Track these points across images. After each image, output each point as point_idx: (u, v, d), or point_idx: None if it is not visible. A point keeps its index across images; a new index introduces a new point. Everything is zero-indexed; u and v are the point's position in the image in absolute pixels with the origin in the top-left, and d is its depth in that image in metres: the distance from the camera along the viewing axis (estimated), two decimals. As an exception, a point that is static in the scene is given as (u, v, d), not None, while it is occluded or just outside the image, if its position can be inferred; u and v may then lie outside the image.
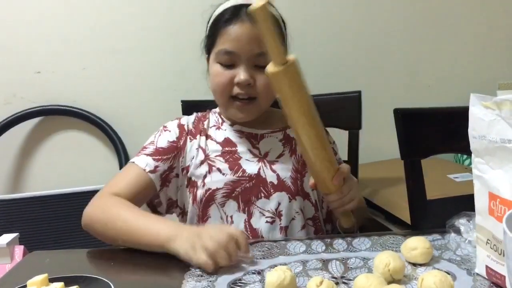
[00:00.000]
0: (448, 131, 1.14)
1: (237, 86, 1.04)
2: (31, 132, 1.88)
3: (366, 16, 1.92)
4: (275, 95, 1.06)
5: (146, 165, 1.06)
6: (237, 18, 1.03)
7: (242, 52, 1.03)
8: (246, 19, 1.02)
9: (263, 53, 0.98)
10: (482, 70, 2.01)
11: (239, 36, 1.02)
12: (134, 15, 1.81)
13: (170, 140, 1.10)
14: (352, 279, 0.77)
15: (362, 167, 1.37)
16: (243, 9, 1.03)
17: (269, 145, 1.12)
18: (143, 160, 1.07)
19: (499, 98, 0.69)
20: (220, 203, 1.07)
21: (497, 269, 0.73)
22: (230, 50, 1.03)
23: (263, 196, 1.07)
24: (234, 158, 1.09)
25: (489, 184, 0.73)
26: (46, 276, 0.76)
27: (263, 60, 0.99)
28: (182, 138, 1.11)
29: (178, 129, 1.12)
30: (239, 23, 1.02)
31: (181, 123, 1.14)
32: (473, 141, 0.75)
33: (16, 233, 1.12)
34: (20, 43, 1.80)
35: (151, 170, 1.06)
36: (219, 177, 1.07)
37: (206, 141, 1.12)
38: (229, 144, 1.11)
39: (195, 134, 1.13)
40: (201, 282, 0.79)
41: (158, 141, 1.10)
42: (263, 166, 1.09)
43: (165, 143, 1.10)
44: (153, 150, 1.08)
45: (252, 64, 1.04)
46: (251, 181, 1.07)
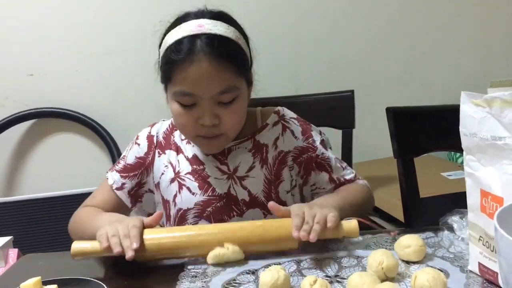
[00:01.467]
0: (440, 129, 1.15)
1: (201, 126, 0.97)
2: (24, 134, 1.87)
3: (358, 16, 1.92)
4: (244, 121, 1.03)
5: (113, 182, 1.07)
6: (193, 57, 0.92)
7: (203, 93, 0.94)
8: (202, 57, 0.92)
9: (226, 89, 0.95)
10: (474, 68, 2.02)
11: (197, 78, 0.93)
12: (127, 17, 1.81)
13: (137, 156, 1.08)
14: (346, 277, 0.77)
15: (355, 166, 1.37)
16: (197, 43, 0.93)
17: (238, 158, 1.06)
18: (112, 176, 1.08)
19: (489, 95, 0.70)
20: (192, 223, 1.05)
21: (489, 266, 0.73)
22: (188, 92, 0.94)
23: (236, 214, 1.04)
24: (202, 177, 1.05)
25: (481, 181, 0.73)
26: (39, 279, 0.76)
27: (226, 97, 0.95)
28: (150, 153, 1.08)
29: (147, 142, 1.09)
30: (196, 63, 0.92)
31: (151, 133, 1.10)
32: (464, 139, 0.75)
33: (10, 236, 1.12)
34: (13, 45, 1.79)
35: (118, 187, 1.06)
36: (189, 197, 1.05)
37: (177, 156, 1.08)
38: (197, 162, 1.06)
39: (165, 147, 1.09)
40: (195, 283, 0.79)
41: (128, 156, 1.09)
42: (232, 183, 1.05)
43: (132, 159, 1.08)
44: (122, 166, 1.08)
45: (215, 102, 0.95)
46: (222, 200, 1.04)
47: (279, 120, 1.09)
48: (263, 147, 1.07)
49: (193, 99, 0.95)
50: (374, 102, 1.67)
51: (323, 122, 1.31)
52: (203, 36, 0.94)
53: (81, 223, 1.01)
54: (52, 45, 1.80)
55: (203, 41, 0.93)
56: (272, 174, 1.06)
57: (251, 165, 1.06)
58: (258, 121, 1.10)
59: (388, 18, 1.95)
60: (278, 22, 1.84)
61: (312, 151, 1.08)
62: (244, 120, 1.04)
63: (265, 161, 1.06)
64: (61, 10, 1.79)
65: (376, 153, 1.81)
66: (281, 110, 1.11)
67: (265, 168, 1.06)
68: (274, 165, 1.06)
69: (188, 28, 0.95)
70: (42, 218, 1.73)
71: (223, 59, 0.93)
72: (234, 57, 0.96)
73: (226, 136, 1.01)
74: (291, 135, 1.08)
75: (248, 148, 1.07)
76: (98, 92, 1.85)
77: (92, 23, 1.80)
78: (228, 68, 0.94)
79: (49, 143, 1.88)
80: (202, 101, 0.95)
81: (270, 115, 1.10)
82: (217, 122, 0.96)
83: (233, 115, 0.98)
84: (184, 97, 0.96)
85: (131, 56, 1.82)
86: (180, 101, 0.97)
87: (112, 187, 1.06)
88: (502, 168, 0.70)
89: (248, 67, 1.02)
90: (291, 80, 1.89)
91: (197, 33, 0.94)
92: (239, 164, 1.05)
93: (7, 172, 1.88)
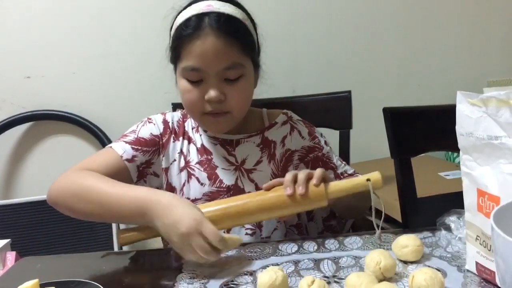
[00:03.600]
0: (437, 129, 1.15)
1: (207, 102, 0.98)
2: (22, 137, 1.87)
3: (355, 17, 1.93)
4: (249, 103, 1.05)
5: (123, 152, 1.00)
6: (200, 32, 0.95)
7: (209, 68, 0.96)
8: (210, 32, 0.95)
9: (232, 65, 0.96)
10: (471, 68, 2.03)
11: (204, 53, 0.95)
12: (124, 19, 1.81)
13: (153, 133, 1.05)
14: (343, 278, 0.78)
15: (353, 166, 1.36)
16: (205, 20, 0.96)
17: (245, 151, 1.07)
18: (121, 146, 1.01)
19: (485, 95, 0.70)
20: None
21: (487, 265, 0.73)
22: (196, 67, 0.96)
23: None
24: (211, 167, 1.06)
25: (477, 180, 0.73)
26: (37, 281, 0.76)
27: (232, 73, 0.97)
28: (166, 136, 1.07)
29: (162, 125, 1.08)
30: (203, 38, 0.95)
31: (166, 119, 1.09)
32: (461, 139, 0.76)
33: (8, 239, 1.12)
34: (9, 48, 1.79)
35: (128, 159, 1.01)
36: (198, 187, 1.05)
37: (189, 145, 1.08)
38: (205, 151, 1.07)
39: (179, 135, 1.09)
40: (193, 284, 0.79)
41: (140, 131, 1.05)
42: (240, 175, 1.06)
43: (147, 135, 1.05)
44: (133, 138, 1.03)
45: (221, 78, 0.97)
46: (229, 192, 1.04)
47: (288, 121, 1.13)
48: (271, 143, 1.09)
49: (200, 74, 0.97)
50: (371, 103, 1.67)
51: (320, 122, 1.31)
52: (212, 14, 0.97)
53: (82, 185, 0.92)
54: (49, 47, 1.80)
55: (211, 18, 0.96)
56: (279, 170, 1.08)
57: (258, 159, 1.08)
58: (265, 120, 1.13)
59: (385, 18, 1.95)
60: (274, 23, 1.84)
61: (318, 150, 1.12)
62: (250, 101, 1.05)
63: (272, 157, 1.08)
64: (58, 13, 1.79)
65: (374, 154, 1.82)
66: (289, 113, 1.15)
67: (272, 163, 1.08)
68: (281, 161, 1.08)
69: (197, 8, 0.98)
70: (40, 220, 1.72)
71: (230, 36, 0.96)
72: (240, 35, 0.99)
73: (232, 115, 1.01)
74: (298, 135, 1.11)
75: (257, 143, 1.09)
76: (95, 94, 1.85)
77: (89, 25, 1.80)
78: (234, 45, 0.97)
79: (47, 146, 1.88)
80: (208, 77, 0.97)
81: (278, 115, 1.13)
82: (223, 97, 0.98)
83: (239, 92, 0.99)
84: (191, 72, 0.98)
85: (128, 58, 1.82)
86: (188, 77, 0.99)
87: (122, 156, 1.00)
88: (499, 168, 0.70)
89: (254, 49, 1.04)
90: (288, 81, 1.89)
91: (206, 11, 0.97)
92: (246, 157, 1.07)
93: (4, 175, 1.88)
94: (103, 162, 0.99)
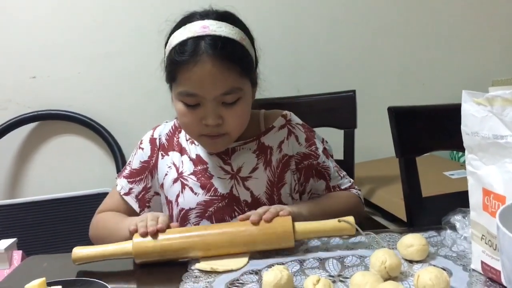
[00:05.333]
0: (442, 128, 1.15)
1: (205, 126, 0.98)
2: (28, 137, 1.88)
3: (359, 16, 1.92)
4: (247, 122, 1.04)
5: (121, 188, 1.10)
6: (197, 57, 0.93)
7: (206, 94, 0.95)
8: (206, 59, 0.93)
9: (229, 91, 0.96)
10: (476, 67, 2.02)
11: (201, 79, 0.94)
12: (128, 19, 1.81)
13: (141, 160, 1.10)
14: (348, 277, 0.78)
15: (358, 166, 1.37)
16: (201, 44, 0.94)
17: (241, 159, 1.06)
18: (120, 183, 1.11)
19: (491, 94, 0.70)
20: (194, 223, 1.05)
21: (492, 264, 0.73)
22: (193, 92, 0.95)
23: (238, 215, 1.02)
24: (205, 177, 1.06)
25: (483, 180, 0.73)
26: (44, 280, 0.77)
27: (230, 97, 0.96)
28: (154, 156, 1.10)
29: (149, 146, 1.10)
30: (200, 65, 0.93)
31: (153, 137, 1.11)
32: (466, 138, 0.76)
33: (14, 238, 1.13)
34: (15, 48, 1.80)
35: (126, 192, 1.09)
36: (192, 196, 1.05)
37: (181, 157, 1.09)
38: (200, 161, 1.07)
39: (168, 149, 1.10)
40: (199, 284, 0.79)
41: (133, 162, 1.11)
42: (235, 183, 1.05)
43: (137, 164, 1.10)
44: (128, 172, 1.11)
45: (218, 103, 0.96)
46: (224, 200, 1.04)
47: (286, 124, 1.10)
48: (267, 149, 1.07)
49: (197, 99, 0.96)
50: (376, 102, 1.67)
51: (324, 122, 1.31)
52: (208, 37, 0.94)
53: (105, 229, 1.05)
54: (54, 47, 1.81)
55: (207, 43, 0.94)
56: (276, 176, 1.06)
57: (254, 166, 1.06)
58: (261, 124, 1.10)
59: (389, 17, 1.95)
60: (278, 23, 1.84)
61: (314, 158, 1.09)
62: (247, 120, 1.04)
63: (269, 163, 1.06)
64: (63, 13, 1.79)
65: (378, 153, 1.81)
66: (288, 115, 1.11)
67: (268, 170, 1.06)
68: (278, 167, 1.07)
69: (193, 29, 0.96)
70: (46, 220, 1.73)
71: (227, 61, 0.94)
72: (238, 58, 0.96)
73: (230, 135, 1.01)
74: (295, 140, 1.09)
75: (253, 149, 1.07)
76: (101, 94, 1.85)
77: (93, 26, 1.81)
78: (231, 70, 0.95)
79: (52, 145, 1.89)
80: (205, 102, 0.96)
81: (276, 118, 1.10)
82: (220, 122, 0.97)
83: (236, 115, 0.99)
84: (188, 98, 0.97)
85: (133, 57, 1.83)
86: (184, 101, 0.98)
87: (120, 193, 1.09)
88: (504, 167, 0.70)
89: (252, 68, 1.02)
90: (292, 80, 1.89)
91: (202, 35, 0.95)
92: (242, 165, 1.06)
93: (11, 175, 1.89)
94: (111, 203, 1.11)
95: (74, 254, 0.88)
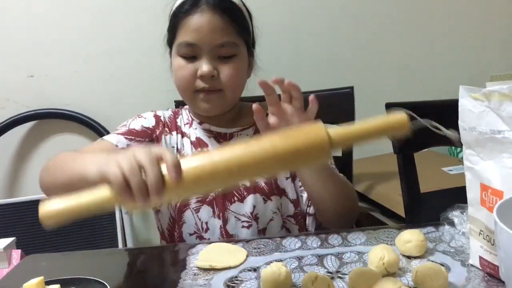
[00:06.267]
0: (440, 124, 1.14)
1: (200, 79, 0.99)
2: (26, 136, 1.88)
3: (358, 12, 1.92)
4: (242, 87, 1.06)
5: (117, 142, 1.00)
6: (197, 8, 0.98)
7: (203, 43, 0.98)
8: (206, 8, 0.98)
9: (226, 43, 0.98)
10: (474, 63, 2.02)
11: (199, 27, 0.97)
12: (126, 17, 1.81)
13: (144, 125, 1.06)
14: (347, 273, 0.78)
15: (356, 162, 1.37)
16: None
17: None
18: (113, 137, 1.01)
19: (488, 89, 0.70)
20: (195, 208, 1.04)
21: (490, 260, 0.73)
22: (191, 41, 0.98)
23: (237, 200, 1.04)
24: None
25: (480, 175, 0.73)
26: (42, 279, 0.77)
27: (226, 50, 0.99)
28: (159, 128, 1.07)
29: (154, 119, 1.08)
30: (199, 13, 0.98)
31: (157, 114, 1.10)
32: (464, 133, 0.76)
33: (13, 238, 1.12)
34: (12, 47, 1.80)
35: (123, 147, 0.99)
36: None
37: (182, 139, 1.08)
38: (201, 144, 1.07)
39: (171, 129, 1.09)
40: (197, 281, 0.79)
41: (130, 124, 1.06)
42: None
43: (138, 126, 1.05)
44: (125, 130, 1.04)
45: (215, 56, 0.99)
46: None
47: None
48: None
49: (194, 50, 0.99)
50: (374, 98, 1.66)
51: (323, 119, 1.28)
52: None
53: (60, 167, 0.84)
54: (52, 46, 1.81)
55: None
56: None
57: None
58: None
59: (387, 13, 1.94)
60: (276, 19, 1.84)
61: None
62: (242, 85, 1.06)
63: None
64: (61, 11, 1.79)
65: (377, 149, 1.81)
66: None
67: None
68: None
69: None
70: (45, 219, 1.73)
71: (225, 14, 0.99)
72: (236, 16, 1.01)
73: (224, 93, 1.01)
74: None
75: (250, 135, 1.09)
76: (98, 92, 1.85)
77: (91, 24, 1.81)
78: (229, 24, 0.99)
79: (50, 144, 1.88)
80: (202, 53, 0.99)
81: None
82: (215, 73, 0.99)
83: (231, 70, 1.00)
84: (186, 48, 0.99)
85: (131, 56, 1.82)
86: (182, 54, 1.00)
87: (117, 146, 0.99)
88: (502, 162, 0.70)
89: (249, 33, 1.05)
90: (290, 77, 1.87)
91: None
92: None
93: (9, 174, 1.89)
94: (97, 150, 0.97)
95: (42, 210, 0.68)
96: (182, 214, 1.05)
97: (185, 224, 1.05)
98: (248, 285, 0.77)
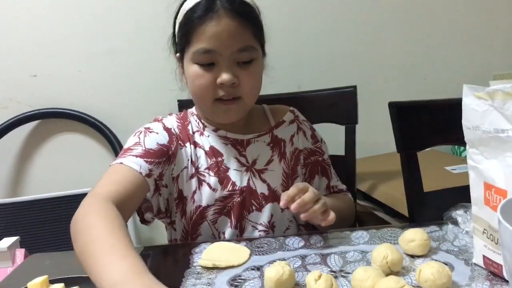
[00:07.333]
0: (443, 123, 1.15)
1: (220, 87, 0.95)
2: (29, 136, 1.88)
3: (360, 11, 1.92)
4: (259, 91, 1.03)
5: (140, 168, 0.91)
6: (213, 13, 0.92)
7: (222, 49, 0.93)
8: (223, 13, 0.92)
9: (245, 47, 0.94)
10: (477, 61, 2.02)
11: (217, 33, 0.92)
12: (129, 17, 1.81)
13: (159, 143, 0.98)
14: (350, 272, 0.78)
15: (359, 161, 1.37)
16: (216, 1, 0.93)
17: (256, 151, 1.05)
18: (133, 161, 0.92)
19: (491, 88, 0.70)
20: (212, 220, 1.02)
21: (494, 259, 0.73)
22: (209, 48, 0.93)
23: (255, 209, 1.03)
24: (222, 170, 1.02)
25: (484, 174, 0.73)
26: (47, 277, 0.77)
27: (245, 55, 0.95)
28: (173, 143, 1.00)
29: (166, 133, 1.01)
30: (216, 19, 0.92)
31: (166, 126, 1.03)
32: (467, 132, 0.75)
33: (16, 237, 1.13)
34: (15, 47, 1.80)
35: (147, 174, 0.92)
36: (209, 193, 1.01)
37: (195, 150, 1.03)
38: (215, 153, 1.03)
39: (184, 141, 1.03)
40: (201, 280, 0.79)
41: (145, 142, 0.96)
42: (251, 176, 1.03)
43: (154, 145, 0.97)
44: (142, 151, 0.94)
45: (234, 61, 0.95)
46: (242, 194, 1.02)
47: (295, 120, 1.13)
48: (281, 142, 1.08)
49: (212, 57, 0.94)
50: (377, 97, 1.67)
51: (325, 118, 1.31)
52: None
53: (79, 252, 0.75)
54: (55, 45, 1.81)
55: (223, 0, 0.94)
56: (290, 168, 1.07)
57: (269, 158, 1.06)
58: (269, 118, 1.11)
59: (390, 12, 1.94)
60: (279, 18, 1.84)
61: (319, 154, 1.12)
62: (259, 88, 1.03)
63: (283, 155, 1.07)
64: (63, 11, 1.79)
65: (380, 148, 1.81)
66: (295, 111, 1.14)
67: (283, 162, 1.07)
68: (291, 160, 1.08)
69: None
70: (48, 218, 1.74)
71: (244, 18, 0.94)
72: (253, 18, 0.97)
73: (243, 101, 0.99)
74: (303, 135, 1.12)
75: (267, 141, 1.07)
76: (102, 91, 1.85)
77: (94, 23, 1.81)
78: (247, 28, 0.95)
79: (54, 144, 1.89)
80: (221, 59, 0.94)
81: (285, 113, 1.12)
82: (236, 81, 0.95)
83: (251, 76, 0.97)
84: (203, 55, 0.94)
85: (133, 56, 1.83)
86: (199, 61, 0.95)
87: (141, 173, 0.91)
88: (505, 161, 0.70)
89: (263, 37, 1.02)
90: (293, 76, 1.89)
91: None
92: (257, 157, 1.05)
93: (13, 173, 1.89)
94: (123, 181, 0.88)
95: None
96: (199, 227, 1.03)
97: (201, 236, 1.03)
98: (252, 284, 0.77)
